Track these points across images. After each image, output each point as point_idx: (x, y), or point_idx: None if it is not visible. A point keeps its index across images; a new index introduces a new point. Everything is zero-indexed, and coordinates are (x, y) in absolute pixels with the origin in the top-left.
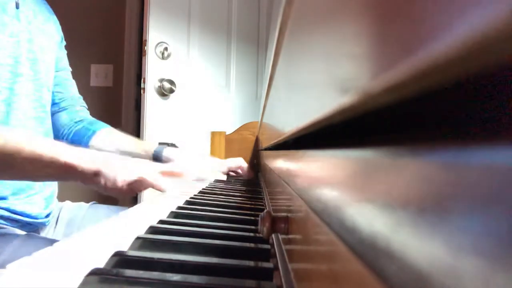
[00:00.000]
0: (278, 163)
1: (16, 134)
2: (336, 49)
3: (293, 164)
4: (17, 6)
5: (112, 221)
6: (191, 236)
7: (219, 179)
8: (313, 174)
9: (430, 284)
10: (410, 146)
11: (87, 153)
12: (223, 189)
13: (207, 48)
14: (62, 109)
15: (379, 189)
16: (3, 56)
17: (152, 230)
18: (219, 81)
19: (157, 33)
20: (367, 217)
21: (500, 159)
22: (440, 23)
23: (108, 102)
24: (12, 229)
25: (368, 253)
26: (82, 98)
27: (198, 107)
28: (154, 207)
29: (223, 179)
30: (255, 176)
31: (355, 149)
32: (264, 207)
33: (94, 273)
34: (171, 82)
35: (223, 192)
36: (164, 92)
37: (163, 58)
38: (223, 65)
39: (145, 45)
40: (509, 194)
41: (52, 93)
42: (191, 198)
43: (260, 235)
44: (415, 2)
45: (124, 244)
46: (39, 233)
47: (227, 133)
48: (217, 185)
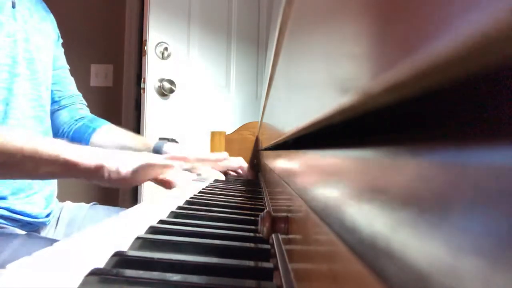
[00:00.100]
0: (278, 163)
1: (15, 133)
2: (336, 49)
3: (293, 164)
4: (13, 5)
5: (112, 221)
6: (191, 236)
7: (219, 179)
8: (313, 174)
9: (430, 284)
10: (410, 146)
11: (88, 150)
12: (223, 189)
13: (207, 48)
14: (62, 107)
15: (379, 189)
16: (1, 56)
17: (152, 230)
18: (219, 81)
19: (157, 33)
20: (367, 217)
21: (500, 159)
22: (440, 23)
23: (108, 102)
24: (12, 228)
25: (368, 253)
26: (81, 96)
27: (198, 107)
28: (154, 207)
29: (223, 178)
30: (255, 176)
31: (355, 149)
32: (264, 207)
33: (94, 273)
34: (171, 82)
35: (223, 192)
36: (164, 92)
37: (163, 58)
38: (223, 65)
39: (145, 45)
40: (509, 194)
41: (51, 92)
42: (191, 198)
43: (260, 235)
44: (415, 2)
45: (124, 244)
46: (39, 233)
47: (227, 133)
48: (217, 185)
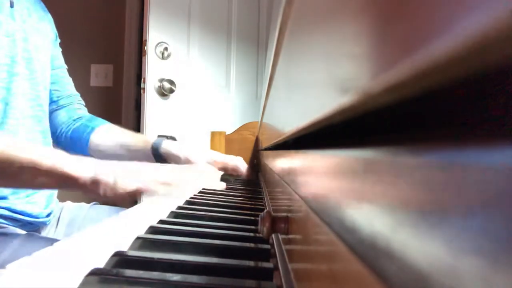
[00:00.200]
0: (278, 163)
1: (12, 142)
2: (336, 49)
3: (293, 164)
4: (12, 4)
5: (112, 221)
6: (191, 236)
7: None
8: (313, 174)
9: (430, 284)
10: (410, 146)
11: (86, 162)
12: (223, 189)
13: (207, 48)
14: (60, 107)
15: (379, 189)
16: (0, 56)
17: (152, 230)
18: (219, 81)
19: (157, 33)
20: (367, 217)
21: (500, 159)
22: (440, 23)
23: (108, 102)
24: (13, 228)
25: (368, 253)
26: (79, 95)
27: (198, 107)
28: (154, 207)
29: (223, 186)
30: (255, 176)
31: (355, 149)
32: (264, 207)
33: (94, 273)
34: (171, 82)
35: (223, 192)
36: (164, 92)
37: (163, 58)
38: (223, 65)
39: (145, 45)
40: (509, 194)
41: (50, 92)
42: (191, 198)
43: (260, 235)
44: (415, 2)
45: (124, 244)
46: (40, 233)
47: (227, 133)
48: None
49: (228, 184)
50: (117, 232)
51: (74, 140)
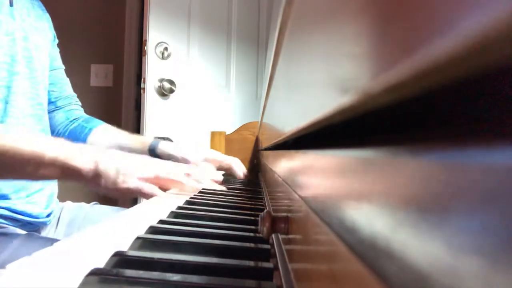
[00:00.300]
0: (278, 163)
1: (14, 134)
2: (336, 49)
3: (293, 164)
4: (11, 3)
5: (112, 221)
6: (191, 236)
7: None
8: (313, 174)
9: (430, 284)
10: (410, 146)
11: (89, 153)
12: (223, 189)
13: (207, 48)
14: (58, 108)
15: (379, 189)
16: (0, 55)
17: (152, 230)
18: (219, 81)
19: (157, 33)
20: (367, 217)
21: (500, 159)
22: (440, 23)
23: (108, 102)
24: (13, 228)
25: (368, 253)
26: (76, 96)
27: (198, 107)
28: (154, 207)
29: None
30: (255, 176)
31: (355, 149)
32: (264, 207)
33: (94, 273)
34: (171, 82)
35: (223, 192)
36: (164, 92)
37: (163, 58)
38: (223, 65)
39: (145, 45)
40: (509, 194)
41: (48, 92)
42: (191, 198)
43: (260, 235)
44: (415, 2)
45: (124, 244)
46: (40, 233)
47: (227, 133)
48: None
49: (228, 184)
50: (117, 232)
51: (71, 141)
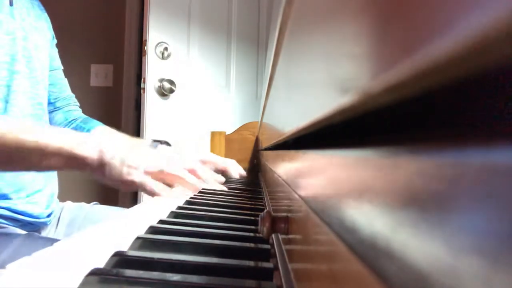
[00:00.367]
0: (278, 163)
1: (19, 125)
2: (336, 49)
3: (293, 164)
4: (11, 3)
5: (112, 221)
6: (191, 236)
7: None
8: (313, 174)
9: (430, 284)
10: (410, 146)
11: (94, 141)
12: (223, 189)
13: (207, 48)
14: (57, 108)
15: (379, 189)
16: (0, 54)
17: (152, 230)
18: (219, 81)
19: (157, 33)
20: (367, 217)
21: (500, 159)
22: (440, 23)
23: (108, 102)
24: (13, 228)
25: (368, 253)
26: (74, 96)
27: (198, 107)
28: (154, 207)
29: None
30: (255, 176)
31: (355, 149)
32: (264, 207)
33: (94, 273)
34: (171, 82)
35: (223, 192)
36: (164, 92)
37: (163, 58)
38: (223, 65)
39: (145, 45)
40: (509, 194)
41: (47, 92)
42: (191, 198)
43: (260, 235)
44: (415, 2)
45: (124, 244)
46: (40, 233)
47: (227, 133)
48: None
49: (228, 184)
50: (117, 232)
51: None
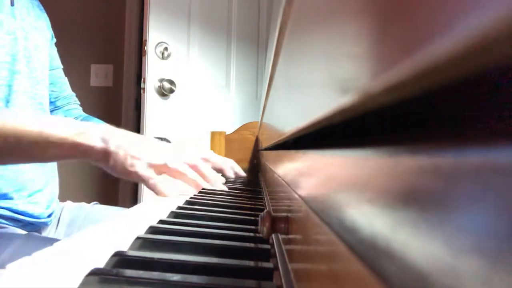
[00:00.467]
0: (278, 163)
1: (21, 116)
2: (336, 49)
3: (293, 164)
4: (12, 3)
5: (112, 221)
6: (191, 236)
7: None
8: (313, 174)
9: (430, 284)
10: (410, 146)
11: (99, 131)
12: (223, 189)
13: (207, 48)
14: (57, 108)
15: (379, 189)
16: (1, 54)
17: (152, 230)
18: (219, 81)
19: (157, 33)
20: (367, 217)
21: (500, 159)
22: (440, 23)
23: (108, 102)
24: (13, 228)
25: (368, 253)
26: (75, 95)
27: (198, 107)
28: (154, 207)
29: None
30: (255, 176)
31: (355, 149)
32: (264, 207)
33: (94, 273)
34: (171, 82)
35: (223, 192)
36: (164, 92)
37: (163, 58)
38: (223, 65)
39: (145, 45)
40: (509, 194)
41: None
42: (191, 198)
43: (260, 235)
44: (415, 2)
45: (124, 244)
46: (40, 233)
47: (227, 133)
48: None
49: (228, 184)
50: (117, 232)
51: None
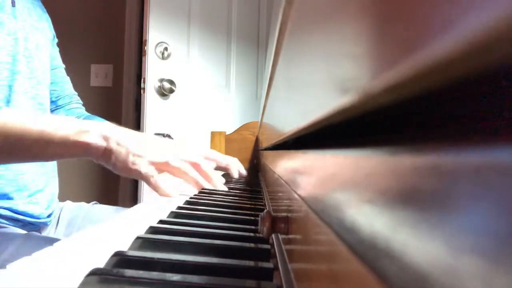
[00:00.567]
0: (278, 163)
1: (22, 115)
2: (336, 49)
3: (293, 164)
4: (13, 4)
5: (112, 221)
6: (191, 236)
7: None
8: (313, 174)
9: (430, 284)
10: (410, 146)
11: (100, 129)
12: (223, 189)
13: (207, 48)
14: (59, 107)
15: (379, 189)
16: (2, 55)
17: (152, 230)
18: (219, 81)
19: (157, 33)
20: (367, 217)
21: (500, 159)
22: (440, 23)
23: (108, 102)
24: (13, 228)
25: (368, 253)
26: (77, 95)
27: (198, 107)
28: (154, 207)
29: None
30: (255, 176)
31: (355, 149)
32: (264, 207)
33: (94, 273)
34: (171, 82)
35: (223, 192)
36: (164, 92)
37: (163, 58)
38: (223, 65)
39: (145, 45)
40: (509, 194)
41: (49, 91)
42: (191, 198)
43: (260, 235)
44: (415, 2)
45: (124, 244)
46: (40, 232)
47: (227, 133)
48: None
49: (228, 184)
50: (117, 232)
51: None
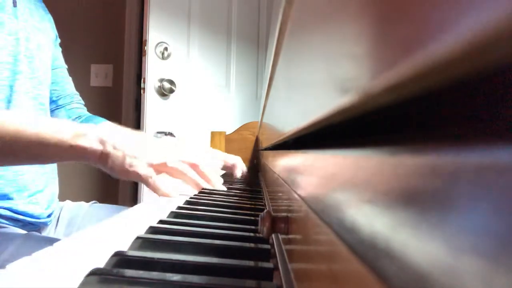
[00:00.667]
0: (278, 163)
1: (19, 117)
2: (336, 49)
3: (293, 164)
4: (15, 4)
5: (112, 221)
6: (191, 236)
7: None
8: (313, 174)
9: (430, 284)
10: (410, 146)
11: (96, 132)
12: (223, 189)
13: (207, 48)
14: (59, 106)
15: (379, 189)
16: (3, 55)
17: (152, 230)
18: (219, 81)
19: (157, 33)
20: (367, 217)
21: (500, 159)
22: (440, 23)
23: (108, 102)
24: (13, 228)
25: (368, 253)
26: (78, 95)
27: (198, 107)
28: (154, 207)
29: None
30: (255, 176)
31: (355, 149)
32: (264, 207)
33: (94, 273)
34: (171, 82)
35: (223, 192)
36: (164, 92)
37: (163, 58)
38: (223, 65)
39: (145, 45)
40: (509, 194)
41: (49, 91)
42: (191, 198)
43: (260, 235)
44: (415, 2)
45: (124, 244)
46: (40, 232)
47: (227, 133)
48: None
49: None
50: (117, 232)
51: None
